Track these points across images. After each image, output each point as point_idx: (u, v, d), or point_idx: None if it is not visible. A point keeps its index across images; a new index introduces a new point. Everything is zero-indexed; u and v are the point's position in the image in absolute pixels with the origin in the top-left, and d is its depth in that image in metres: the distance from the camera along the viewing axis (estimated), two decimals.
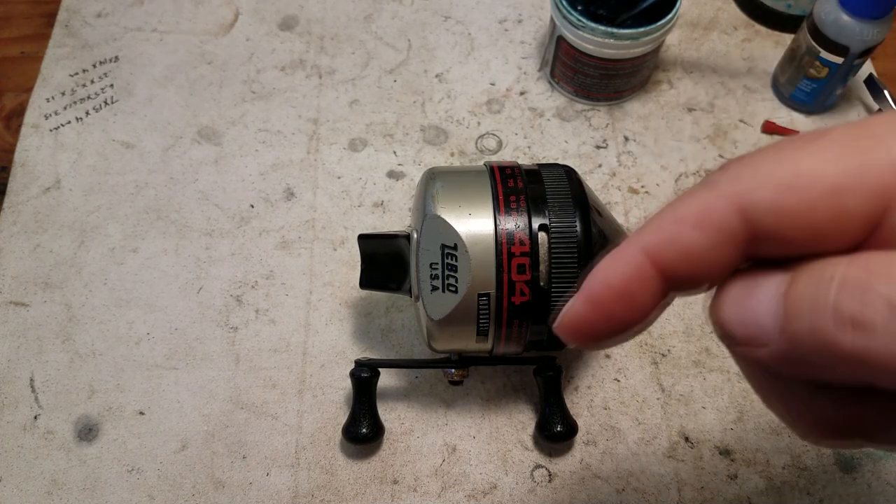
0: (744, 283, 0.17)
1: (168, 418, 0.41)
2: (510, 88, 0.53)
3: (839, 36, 0.46)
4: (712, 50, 0.55)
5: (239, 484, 0.40)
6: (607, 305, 0.17)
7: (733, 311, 0.17)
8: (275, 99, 0.52)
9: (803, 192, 0.15)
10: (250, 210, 0.48)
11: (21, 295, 0.45)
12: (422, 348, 0.43)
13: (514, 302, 0.34)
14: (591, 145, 0.51)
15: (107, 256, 0.46)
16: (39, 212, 0.48)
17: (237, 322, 0.44)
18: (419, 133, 0.51)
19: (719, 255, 0.16)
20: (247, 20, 0.56)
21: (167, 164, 0.50)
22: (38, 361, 0.43)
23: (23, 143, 0.50)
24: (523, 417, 0.42)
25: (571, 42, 0.48)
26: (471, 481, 0.40)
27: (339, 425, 0.40)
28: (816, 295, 0.15)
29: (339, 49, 0.55)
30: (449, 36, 0.56)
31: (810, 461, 0.40)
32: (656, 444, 0.41)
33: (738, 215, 0.16)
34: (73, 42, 0.55)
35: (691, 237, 0.16)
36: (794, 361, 0.16)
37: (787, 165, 0.16)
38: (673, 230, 0.17)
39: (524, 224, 0.34)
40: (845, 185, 0.15)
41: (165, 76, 0.53)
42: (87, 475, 0.40)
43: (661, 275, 0.17)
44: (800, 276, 0.15)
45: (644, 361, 0.43)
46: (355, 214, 0.48)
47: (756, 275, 0.16)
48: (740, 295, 0.17)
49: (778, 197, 0.15)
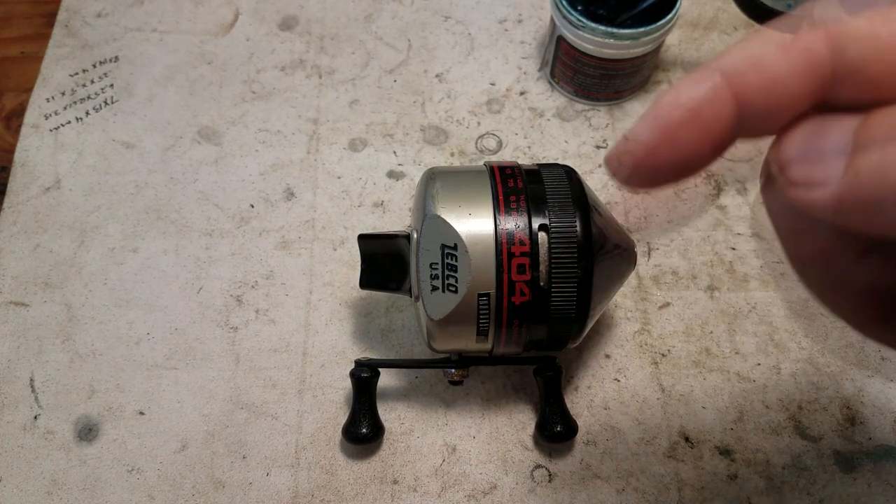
0: (814, 122, 0.16)
1: (168, 418, 0.41)
2: (510, 88, 0.53)
3: None
4: (712, 50, 0.55)
5: (239, 484, 0.40)
6: (675, 127, 0.16)
7: (799, 145, 0.16)
8: (275, 99, 0.52)
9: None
10: (250, 210, 0.48)
11: (21, 295, 0.45)
12: (422, 348, 0.43)
13: (514, 302, 0.34)
14: (591, 145, 0.51)
15: (107, 256, 0.46)
16: (39, 212, 0.48)
17: (237, 322, 0.44)
18: (419, 133, 0.51)
19: (800, 85, 0.16)
20: (247, 20, 0.56)
21: (167, 164, 0.50)
22: (38, 361, 0.43)
23: (23, 143, 0.50)
24: (523, 417, 0.42)
25: (571, 42, 0.48)
26: (471, 481, 0.40)
27: (339, 425, 0.40)
28: (891, 127, 0.14)
29: (339, 49, 0.55)
30: (449, 36, 0.56)
31: (810, 461, 0.40)
32: (656, 444, 0.41)
33: (827, 43, 0.15)
34: (73, 42, 0.55)
35: (776, 59, 0.15)
36: (854, 205, 0.15)
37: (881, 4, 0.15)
38: (757, 51, 0.16)
39: (524, 224, 0.34)
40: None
41: (165, 76, 0.53)
42: (87, 475, 0.40)
43: (737, 101, 0.16)
44: (875, 112, 0.15)
45: (644, 361, 0.43)
46: (355, 214, 0.48)
47: (828, 117, 0.16)
48: (809, 131, 0.16)
49: (872, 26, 0.15)
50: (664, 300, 0.45)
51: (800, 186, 0.15)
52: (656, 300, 0.45)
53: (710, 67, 0.16)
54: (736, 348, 0.44)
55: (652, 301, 0.45)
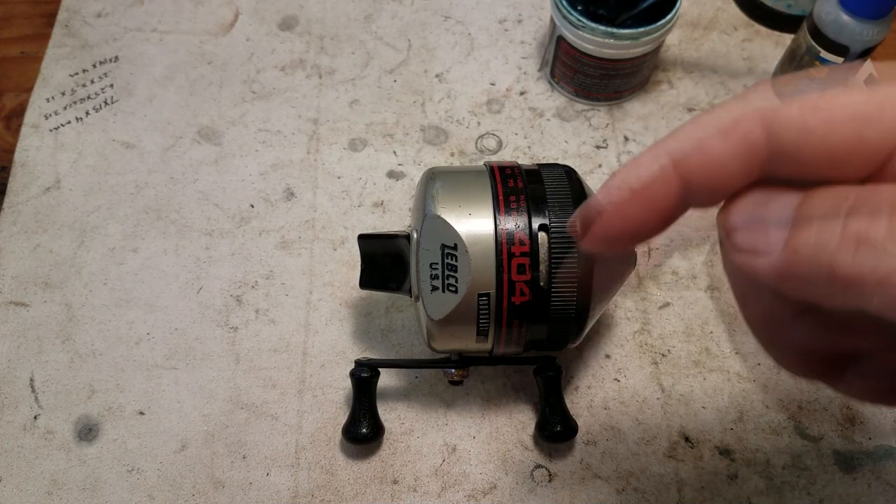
0: (758, 193, 0.17)
1: (168, 418, 0.41)
2: (510, 88, 0.53)
3: (839, 36, 0.46)
4: (712, 50, 0.55)
5: (239, 484, 0.40)
6: (625, 203, 0.18)
7: (744, 214, 0.17)
8: (275, 99, 0.52)
9: (826, 112, 0.16)
10: (250, 210, 0.48)
11: (21, 295, 0.45)
12: (422, 348, 0.43)
13: (514, 302, 0.34)
14: (591, 145, 0.51)
15: (107, 256, 0.46)
16: (39, 212, 0.48)
17: (237, 322, 0.44)
18: (419, 133, 0.51)
19: (740, 165, 0.17)
20: (247, 20, 0.56)
21: (167, 164, 0.50)
22: (38, 361, 0.43)
23: (23, 143, 0.50)
24: (523, 417, 0.42)
25: (571, 42, 0.48)
26: (471, 481, 0.40)
27: (339, 425, 0.40)
28: (828, 210, 0.15)
29: (339, 49, 0.55)
30: (449, 36, 0.56)
31: (810, 461, 0.40)
32: (656, 444, 0.41)
33: (762, 128, 0.16)
34: (73, 42, 0.55)
35: (715, 145, 0.17)
36: (792, 275, 0.16)
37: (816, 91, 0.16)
38: (699, 136, 0.17)
39: (524, 224, 0.34)
40: (867, 113, 0.16)
41: (165, 76, 0.53)
42: (87, 475, 0.40)
43: (681, 180, 0.17)
44: (815, 193, 0.16)
45: (644, 361, 0.43)
46: (355, 214, 0.48)
47: (771, 189, 0.17)
48: (753, 202, 0.17)
49: (802, 114, 0.16)
50: (664, 300, 0.45)
51: (743, 253, 0.17)
52: (656, 300, 0.45)
53: (658, 149, 0.18)
54: (736, 348, 0.44)
55: (652, 301, 0.45)
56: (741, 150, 0.17)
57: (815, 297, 0.16)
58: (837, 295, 0.15)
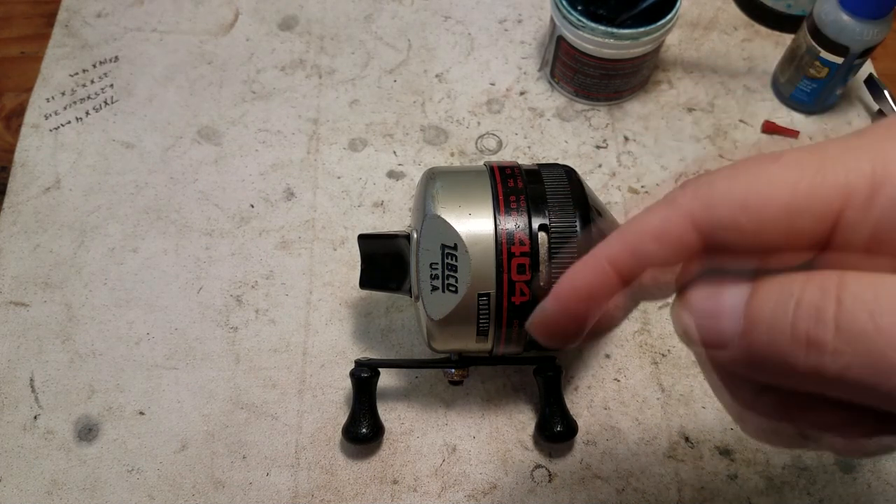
0: (706, 288, 0.18)
1: (168, 418, 0.41)
2: (510, 88, 0.53)
3: (839, 36, 0.46)
4: (712, 50, 0.55)
5: (239, 484, 0.40)
6: (572, 306, 0.19)
7: (695, 315, 0.18)
8: (275, 99, 0.52)
9: (755, 212, 0.16)
10: (250, 210, 0.48)
11: (21, 295, 0.45)
12: (422, 348, 0.43)
13: (514, 302, 0.34)
14: (591, 145, 0.51)
15: (107, 256, 0.46)
16: (39, 212, 0.48)
17: (237, 322, 0.44)
18: (419, 133, 0.51)
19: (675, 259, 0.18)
20: (247, 20, 0.56)
21: (167, 164, 0.50)
22: (38, 361, 0.43)
23: (23, 143, 0.50)
24: (523, 417, 0.42)
25: (571, 42, 0.48)
26: (471, 481, 0.40)
27: (339, 425, 0.40)
28: (775, 312, 0.16)
29: (339, 49, 0.55)
30: (449, 36, 0.56)
31: (810, 461, 0.40)
32: (656, 444, 0.41)
33: (694, 230, 0.17)
34: (73, 42, 0.55)
35: (650, 249, 0.18)
36: (750, 366, 0.17)
37: (742, 186, 0.17)
38: (634, 242, 0.18)
39: (524, 224, 0.34)
40: (794, 207, 0.16)
41: (165, 76, 0.53)
42: (87, 475, 0.40)
43: (622, 281, 0.19)
44: (760, 289, 0.16)
45: (644, 361, 0.43)
46: (355, 214, 0.48)
47: (718, 281, 0.18)
48: (703, 299, 0.18)
49: (732, 215, 0.17)
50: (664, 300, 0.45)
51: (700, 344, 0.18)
52: None
53: (597, 255, 0.19)
54: None
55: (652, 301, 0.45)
56: (676, 252, 0.18)
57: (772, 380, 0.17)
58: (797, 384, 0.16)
